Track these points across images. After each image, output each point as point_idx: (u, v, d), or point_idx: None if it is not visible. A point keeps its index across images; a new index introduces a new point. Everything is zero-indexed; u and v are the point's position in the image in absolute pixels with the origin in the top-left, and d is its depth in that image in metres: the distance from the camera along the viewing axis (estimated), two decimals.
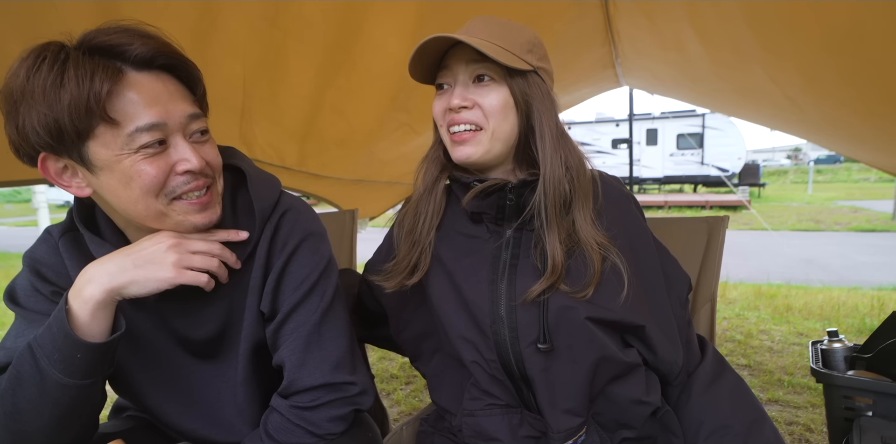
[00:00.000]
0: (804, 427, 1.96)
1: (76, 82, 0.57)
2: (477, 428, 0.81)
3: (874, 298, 3.98)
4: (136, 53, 0.60)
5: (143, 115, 0.60)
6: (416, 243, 0.85)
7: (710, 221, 1.26)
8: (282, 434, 0.71)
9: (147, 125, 0.61)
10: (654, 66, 2.56)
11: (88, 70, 0.58)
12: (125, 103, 0.60)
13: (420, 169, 0.88)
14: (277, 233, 0.75)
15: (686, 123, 15.05)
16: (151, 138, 0.61)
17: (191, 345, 0.76)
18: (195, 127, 0.66)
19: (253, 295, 0.74)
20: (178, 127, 0.64)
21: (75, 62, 0.58)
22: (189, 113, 0.65)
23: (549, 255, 0.77)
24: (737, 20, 1.39)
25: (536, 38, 0.82)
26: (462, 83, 0.79)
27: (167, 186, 0.64)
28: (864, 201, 13.59)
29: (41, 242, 0.75)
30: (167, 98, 0.63)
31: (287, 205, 0.77)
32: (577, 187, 0.79)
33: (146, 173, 0.62)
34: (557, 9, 1.80)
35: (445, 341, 0.85)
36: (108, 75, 0.58)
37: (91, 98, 0.57)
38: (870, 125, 1.77)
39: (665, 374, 0.83)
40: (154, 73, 0.63)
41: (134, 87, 0.60)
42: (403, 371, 2.65)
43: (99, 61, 0.59)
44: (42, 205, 8.16)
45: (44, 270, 0.73)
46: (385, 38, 1.48)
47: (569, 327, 0.76)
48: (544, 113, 0.79)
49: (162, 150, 0.63)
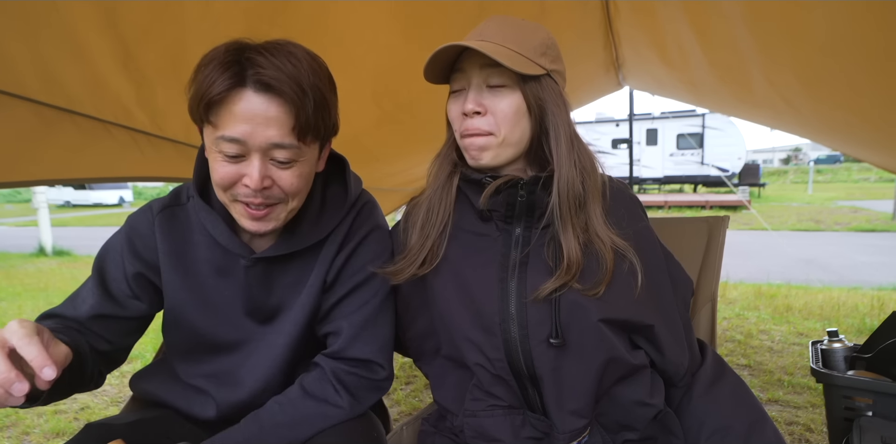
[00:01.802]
0: (804, 427, 1.96)
1: (203, 78, 0.67)
2: (479, 429, 0.81)
3: (874, 298, 3.98)
4: (259, 77, 0.66)
5: (231, 128, 0.68)
6: (429, 235, 0.85)
7: (710, 221, 1.26)
8: (313, 385, 0.81)
9: (229, 137, 0.68)
10: (654, 68, 2.57)
11: (218, 74, 0.66)
12: (225, 113, 0.68)
13: (433, 166, 0.89)
14: (358, 218, 0.87)
15: (686, 123, 15.06)
16: (230, 149, 0.69)
17: (259, 310, 0.84)
18: (278, 155, 0.71)
19: (322, 264, 0.83)
20: (258, 148, 0.69)
21: (217, 62, 0.67)
22: (274, 141, 0.69)
23: (566, 253, 0.77)
24: (736, 21, 1.39)
25: (550, 38, 0.82)
26: (476, 87, 0.79)
27: (233, 188, 0.72)
28: (864, 201, 13.60)
29: (143, 211, 0.85)
30: (261, 121, 0.68)
31: (368, 197, 0.91)
32: (590, 187, 0.80)
33: (218, 172, 0.71)
34: (559, 10, 1.80)
35: (448, 344, 0.85)
36: (226, 86, 0.66)
37: (204, 96, 0.67)
38: (870, 127, 1.77)
39: (671, 375, 0.83)
40: (268, 96, 0.68)
41: (241, 102, 0.67)
42: (403, 371, 2.65)
43: (232, 71, 0.66)
44: (42, 205, 8.16)
45: (137, 240, 0.82)
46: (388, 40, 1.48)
47: (580, 325, 0.76)
48: (559, 116, 0.80)
49: (241, 160, 0.70)
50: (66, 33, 0.92)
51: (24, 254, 7.87)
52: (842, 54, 1.24)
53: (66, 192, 21.53)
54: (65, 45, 0.94)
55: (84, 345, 0.77)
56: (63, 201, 21.87)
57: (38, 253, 7.75)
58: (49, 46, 0.93)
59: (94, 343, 0.80)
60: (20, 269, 6.60)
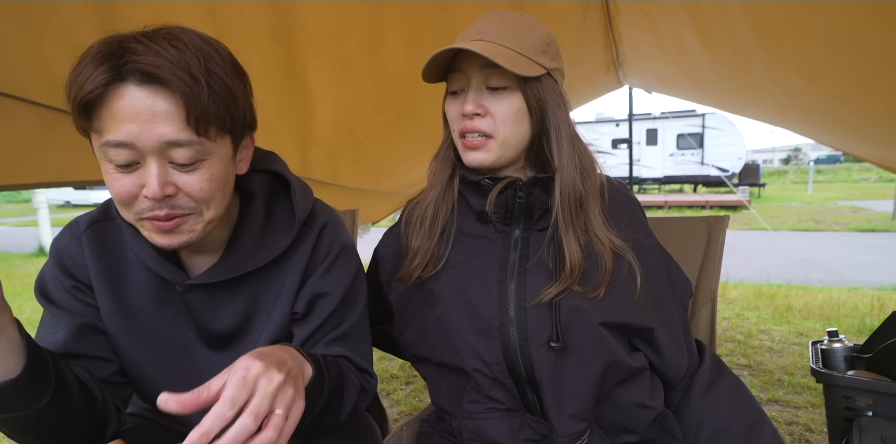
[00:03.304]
0: (804, 427, 1.96)
1: (75, 77, 0.57)
2: (477, 431, 0.81)
3: (874, 298, 3.98)
4: (135, 66, 0.56)
5: (114, 131, 0.57)
6: (432, 238, 0.84)
7: (710, 221, 1.26)
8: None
9: (114, 142, 0.57)
10: (655, 66, 2.57)
11: (91, 70, 0.56)
12: (106, 114, 0.57)
13: (432, 166, 0.88)
14: (320, 242, 0.78)
15: (686, 123, 15.05)
16: (119, 156, 0.58)
17: (208, 336, 0.77)
18: (177, 156, 0.59)
19: (287, 297, 0.76)
20: (151, 150, 0.58)
21: (91, 57, 0.56)
22: (168, 139, 0.58)
23: (567, 256, 0.76)
24: (737, 21, 1.39)
25: (549, 35, 0.80)
26: (475, 88, 0.78)
27: (135, 204, 0.61)
28: (864, 201, 13.59)
29: (68, 229, 0.75)
30: (148, 118, 0.57)
31: (326, 216, 0.81)
32: (590, 187, 0.80)
33: (112, 186, 0.60)
34: (560, 11, 1.80)
35: (443, 349, 0.84)
36: (101, 81, 0.56)
37: (77, 97, 0.56)
38: (872, 121, 1.77)
39: (670, 378, 0.83)
40: (153, 87, 0.57)
41: (121, 99, 0.57)
42: (403, 371, 2.65)
43: (108, 64, 0.56)
44: (42, 205, 8.17)
45: (66, 260, 0.73)
46: (391, 47, 1.48)
47: (580, 329, 0.76)
48: (559, 116, 0.79)
49: (135, 168, 0.59)
50: (67, 35, 0.92)
51: (24, 254, 7.87)
52: (846, 51, 1.24)
53: (66, 192, 21.50)
54: (66, 46, 0.94)
55: (78, 374, 0.68)
56: (63, 201, 21.86)
57: (38, 253, 7.75)
58: (50, 48, 0.92)
59: (92, 369, 0.72)
60: (20, 269, 6.60)
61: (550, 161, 0.80)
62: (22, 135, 1.03)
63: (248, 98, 0.67)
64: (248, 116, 0.68)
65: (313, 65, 1.42)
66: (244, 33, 1.19)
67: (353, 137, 1.97)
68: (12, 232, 11.81)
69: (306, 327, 0.77)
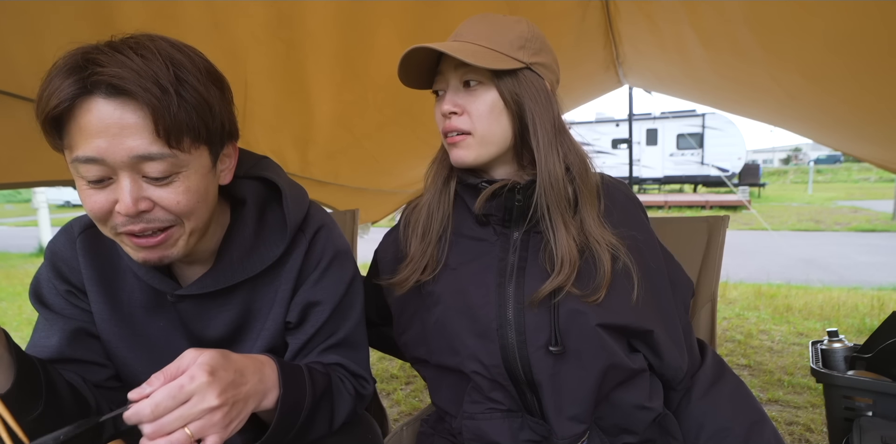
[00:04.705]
0: (804, 427, 1.96)
1: (42, 91, 0.55)
2: (477, 432, 0.81)
3: (874, 298, 3.98)
4: (97, 78, 0.54)
5: (84, 146, 0.56)
6: (430, 242, 0.84)
7: (710, 221, 1.26)
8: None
9: (84, 157, 0.56)
10: (655, 66, 2.57)
11: (58, 83, 0.54)
12: (75, 129, 0.56)
13: (430, 171, 0.88)
14: (312, 249, 0.76)
15: (686, 123, 15.05)
16: (90, 172, 0.57)
17: (201, 345, 0.76)
18: (149, 170, 0.57)
19: (280, 306, 0.75)
20: (122, 165, 0.56)
21: (57, 71, 0.55)
22: (138, 153, 0.56)
23: (559, 252, 0.76)
24: (737, 21, 1.39)
25: (531, 31, 0.80)
26: (453, 88, 0.80)
27: (110, 220, 0.60)
28: (864, 201, 13.59)
29: (62, 233, 0.74)
30: (116, 132, 0.55)
31: (319, 221, 0.79)
32: (581, 187, 0.79)
33: (86, 203, 0.59)
34: (559, 11, 1.80)
35: (442, 352, 0.83)
36: (67, 95, 0.54)
37: (44, 112, 0.55)
38: (872, 121, 1.77)
39: (669, 379, 0.83)
40: (120, 100, 0.55)
41: (88, 113, 0.55)
42: (403, 371, 2.65)
43: (74, 77, 0.54)
44: (42, 205, 8.18)
45: (60, 264, 0.73)
46: (390, 46, 1.48)
47: (579, 332, 0.75)
48: (537, 110, 0.78)
49: (108, 184, 0.58)
50: (67, 34, 0.92)
51: (24, 254, 7.88)
52: (847, 51, 1.24)
53: (66, 192, 21.49)
54: (65, 45, 0.94)
55: (71, 381, 0.68)
56: (63, 201, 21.87)
57: (38, 253, 7.76)
58: (49, 47, 0.92)
59: (87, 374, 0.71)
60: (20, 269, 6.61)
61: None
62: (22, 133, 1.03)
63: (227, 106, 0.65)
64: (228, 124, 0.65)
65: (313, 64, 1.42)
66: (241, 25, 1.18)
67: (353, 136, 1.97)
68: (12, 232, 11.81)
69: (300, 336, 0.77)
